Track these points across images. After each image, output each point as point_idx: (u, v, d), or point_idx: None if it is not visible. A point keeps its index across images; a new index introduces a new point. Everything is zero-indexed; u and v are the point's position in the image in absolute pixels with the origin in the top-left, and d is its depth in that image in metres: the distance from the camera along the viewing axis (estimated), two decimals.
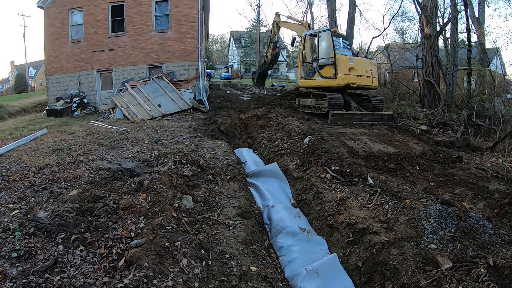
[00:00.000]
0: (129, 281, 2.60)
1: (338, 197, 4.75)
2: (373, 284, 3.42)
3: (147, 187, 4.30)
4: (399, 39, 29.63)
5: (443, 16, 18.46)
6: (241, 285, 2.83)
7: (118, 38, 14.61)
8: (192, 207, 4.01)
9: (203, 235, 3.48)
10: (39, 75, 43.24)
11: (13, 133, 8.94)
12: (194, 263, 2.96)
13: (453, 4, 14.20)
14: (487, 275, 2.94)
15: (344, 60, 8.97)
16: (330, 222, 4.44)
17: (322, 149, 6.51)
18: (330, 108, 8.72)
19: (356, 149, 6.41)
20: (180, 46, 14.47)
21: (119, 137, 7.58)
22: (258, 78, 14.12)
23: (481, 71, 14.87)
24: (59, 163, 5.27)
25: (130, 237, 3.26)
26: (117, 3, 14.46)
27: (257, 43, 40.41)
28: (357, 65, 9.06)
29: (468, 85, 10.84)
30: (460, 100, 13.62)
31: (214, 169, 5.51)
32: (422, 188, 4.85)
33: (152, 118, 11.13)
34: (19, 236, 2.95)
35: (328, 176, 5.33)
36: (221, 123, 9.27)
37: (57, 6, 14.74)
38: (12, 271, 2.55)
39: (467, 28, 10.87)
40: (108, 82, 14.92)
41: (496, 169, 6.22)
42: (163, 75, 13.43)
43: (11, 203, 3.72)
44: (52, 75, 15.21)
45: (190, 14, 14.39)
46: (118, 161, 5.48)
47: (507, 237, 3.67)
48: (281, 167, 6.11)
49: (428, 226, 3.84)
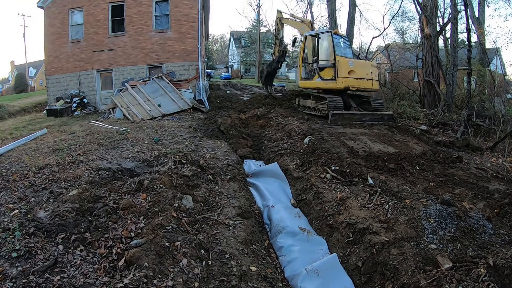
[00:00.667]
0: (129, 281, 2.60)
1: (338, 197, 4.75)
2: (373, 284, 3.42)
3: (147, 187, 4.30)
4: (399, 39, 29.64)
5: (443, 16, 18.46)
6: (241, 285, 2.83)
7: (118, 38, 14.62)
8: (192, 207, 4.01)
9: (203, 235, 3.48)
10: (39, 75, 43.23)
11: (13, 133, 8.95)
12: (194, 263, 2.96)
13: (453, 4, 14.20)
14: (487, 275, 2.94)
15: (344, 63, 8.90)
16: (330, 222, 4.44)
17: (322, 149, 6.51)
18: (329, 110, 8.75)
19: (356, 149, 6.41)
20: (180, 46, 14.48)
21: (119, 137, 7.58)
22: (267, 77, 13.82)
23: (481, 71, 14.87)
24: (59, 163, 5.27)
25: (130, 237, 3.26)
26: (117, 3, 14.46)
27: (257, 43, 40.42)
28: (357, 68, 8.99)
29: (468, 85, 10.84)
30: (460, 100, 13.62)
31: (214, 169, 5.51)
32: (422, 188, 4.85)
33: (152, 118, 11.13)
34: (19, 236, 2.95)
35: (328, 176, 5.33)
36: (221, 123, 9.27)
37: (57, 6, 14.74)
38: (12, 271, 2.55)
39: (467, 28, 10.87)
40: (108, 82, 14.93)
41: (496, 169, 6.22)
42: (163, 75, 13.44)
43: (11, 203, 3.72)
44: (52, 75, 15.21)
45: (190, 14, 14.39)
46: (118, 161, 5.48)
47: (507, 237, 3.67)
48: (281, 167, 6.11)
49: (428, 226, 3.84)
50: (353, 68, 8.87)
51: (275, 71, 13.74)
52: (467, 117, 10.11)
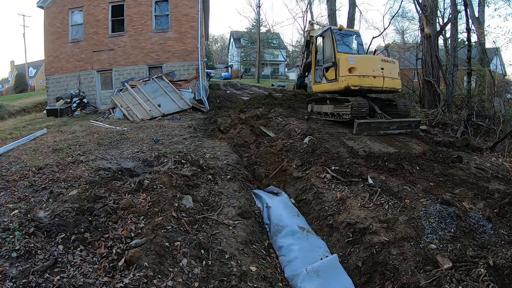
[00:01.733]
0: (129, 281, 2.60)
1: (338, 197, 4.75)
2: (373, 284, 3.42)
3: (147, 187, 4.30)
4: (399, 39, 29.68)
5: (443, 16, 18.48)
6: (241, 285, 2.83)
7: (118, 38, 14.62)
8: (192, 207, 4.01)
9: (203, 235, 3.48)
10: (39, 75, 43.22)
11: (13, 133, 8.95)
12: (194, 263, 2.96)
13: (453, 4, 14.20)
14: (487, 275, 2.94)
15: (343, 60, 7.86)
16: (330, 222, 4.44)
17: (322, 149, 6.51)
18: (354, 115, 7.45)
19: (356, 149, 6.41)
20: (180, 46, 14.48)
21: (119, 137, 7.58)
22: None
23: (481, 71, 14.87)
24: (59, 163, 5.27)
25: (130, 237, 3.26)
26: (117, 3, 14.47)
27: (257, 43, 40.44)
28: (359, 64, 7.76)
29: (468, 85, 10.83)
30: (460, 100, 13.61)
31: (214, 169, 5.51)
32: (422, 188, 4.86)
33: (152, 118, 11.13)
34: (19, 236, 2.95)
35: (328, 176, 5.33)
36: (221, 123, 9.26)
37: (57, 6, 14.75)
38: (12, 271, 2.55)
39: (467, 28, 10.86)
40: (108, 82, 14.93)
41: (496, 169, 6.22)
42: (163, 75, 13.44)
43: (11, 203, 3.72)
44: (52, 75, 15.21)
45: (190, 14, 14.39)
46: (118, 161, 5.48)
47: (507, 237, 3.67)
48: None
49: (428, 226, 3.84)
50: (354, 65, 7.72)
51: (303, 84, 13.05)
52: (467, 117, 10.11)
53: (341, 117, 8.07)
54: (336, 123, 8.44)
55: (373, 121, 7.56)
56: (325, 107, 8.90)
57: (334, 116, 8.43)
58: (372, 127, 7.42)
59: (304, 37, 12.69)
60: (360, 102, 7.50)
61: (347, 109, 7.70)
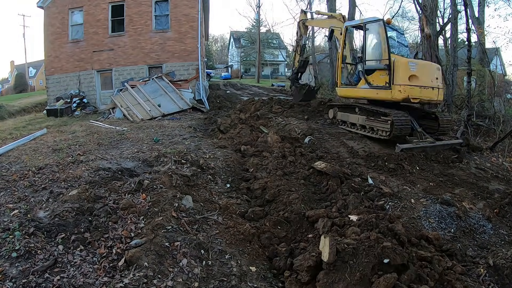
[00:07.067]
0: (129, 281, 2.59)
1: None
2: None
3: (147, 187, 4.30)
4: None
5: (443, 16, 18.45)
6: (241, 285, 2.83)
7: (118, 38, 14.63)
8: (192, 207, 4.00)
9: (203, 235, 3.47)
10: (39, 75, 43.24)
11: (13, 133, 8.95)
12: (194, 263, 2.96)
13: (453, 4, 14.20)
14: (487, 275, 2.94)
15: (403, 64, 6.36)
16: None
17: (322, 149, 6.52)
18: (394, 133, 6.13)
19: (356, 149, 6.41)
20: (180, 46, 14.49)
21: (119, 137, 7.58)
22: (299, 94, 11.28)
23: (481, 71, 14.87)
24: (59, 163, 5.27)
25: (130, 237, 3.25)
26: (117, 3, 14.47)
27: (257, 43, 40.46)
28: (421, 72, 6.41)
29: (468, 85, 10.82)
30: (460, 100, 13.60)
31: (214, 169, 5.51)
32: (422, 188, 4.86)
33: (152, 118, 11.14)
34: (19, 236, 2.95)
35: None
36: (221, 123, 9.26)
37: (57, 6, 14.75)
38: (12, 271, 2.55)
39: (467, 28, 10.85)
40: (108, 82, 14.94)
41: (496, 169, 6.22)
42: (163, 75, 13.44)
43: (11, 203, 3.72)
44: (52, 75, 15.22)
45: (190, 14, 14.40)
46: (118, 161, 5.48)
47: (507, 237, 3.68)
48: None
49: (428, 226, 3.84)
50: (415, 73, 6.33)
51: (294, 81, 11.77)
52: (467, 117, 10.10)
53: (376, 133, 6.67)
54: (364, 137, 7.01)
55: (417, 146, 6.22)
56: (353, 116, 7.43)
57: (365, 130, 7.02)
58: (415, 151, 6.13)
59: (298, 28, 10.90)
60: (402, 118, 6.20)
61: (386, 125, 6.30)
